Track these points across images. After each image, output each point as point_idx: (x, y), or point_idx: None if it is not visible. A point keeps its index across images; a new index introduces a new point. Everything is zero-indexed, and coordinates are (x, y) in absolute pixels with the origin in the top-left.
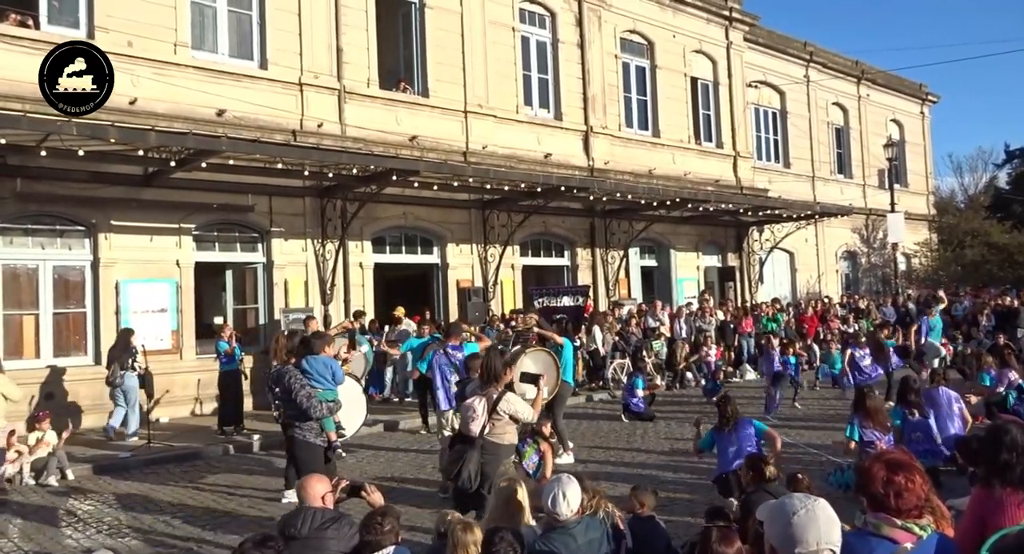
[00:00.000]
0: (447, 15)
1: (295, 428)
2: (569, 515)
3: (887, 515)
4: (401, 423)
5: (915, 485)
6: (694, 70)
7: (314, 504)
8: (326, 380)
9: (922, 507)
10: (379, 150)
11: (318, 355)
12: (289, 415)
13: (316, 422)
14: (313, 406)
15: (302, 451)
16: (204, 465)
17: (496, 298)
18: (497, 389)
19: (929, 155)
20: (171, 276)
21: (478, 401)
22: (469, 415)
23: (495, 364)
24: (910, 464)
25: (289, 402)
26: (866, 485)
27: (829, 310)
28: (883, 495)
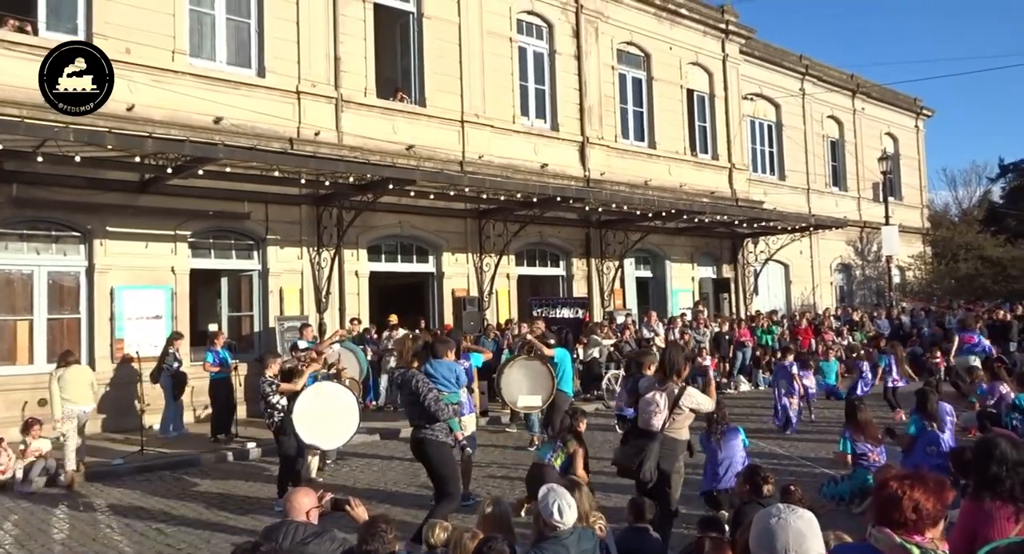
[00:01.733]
0: (445, 25)
1: (425, 430)
2: (567, 526)
3: (890, 530)
4: (399, 432)
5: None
6: (690, 82)
7: (298, 518)
8: (450, 383)
9: (926, 525)
10: (376, 159)
11: (442, 360)
12: (415, 417)
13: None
14: (440, 409)
15: (435, 450)
16: (197, 473)
17: (491, 307)
18: (678, 384)
19: (923, 168)
20: (166, 283)
21: (659, 395)
22: (652, 410)
23: (676, 359)
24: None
25: (415, 405)
26: (877, 498)
27: (823, 322)
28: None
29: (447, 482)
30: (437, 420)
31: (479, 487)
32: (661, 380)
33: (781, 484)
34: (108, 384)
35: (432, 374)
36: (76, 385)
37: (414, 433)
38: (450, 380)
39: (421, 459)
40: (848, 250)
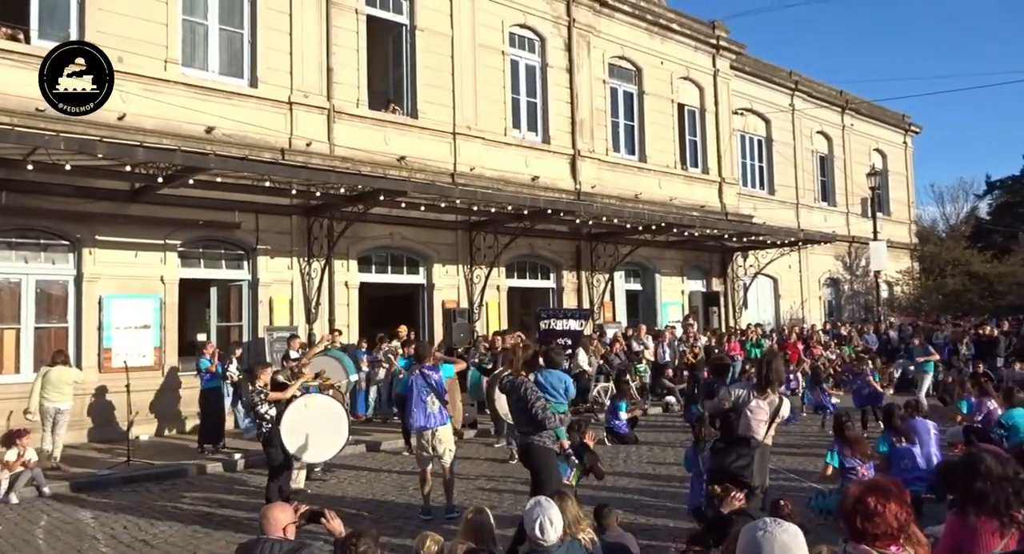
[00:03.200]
0: (438, 38)
1: (533, 436)
2: (550, 542)
3: (866, 547)
4: (383, 444)
5: (887, 511)
6: (681, 96)
7: (274, 534)
8: (559, 394)
9: (896, 535)
10: (367, 170)
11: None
12: (522, 423)
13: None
14: (548, 418)
15: (542, 456)
16: (184, 484)
17: (481, 319)
18: (777, 395)
19: (911, 184)
20: (155, 292)
21: (765, 404)
22: (760, 418)
23: (779, 369)
24: (889, 490)
25: (523, 412)
26: (841, 504)
27: (812, 337)
28: (851, 514)
29: (547, 487)
30: (543, 428)
31: (467, 499)
32: (760, 389)
33: (771, 499)
34: (93, 394)
35: (542, 383)
36: (56, 384)
37: (522, 439)
38: (559, 390)
39: (526, 464)
40: (837, 265)
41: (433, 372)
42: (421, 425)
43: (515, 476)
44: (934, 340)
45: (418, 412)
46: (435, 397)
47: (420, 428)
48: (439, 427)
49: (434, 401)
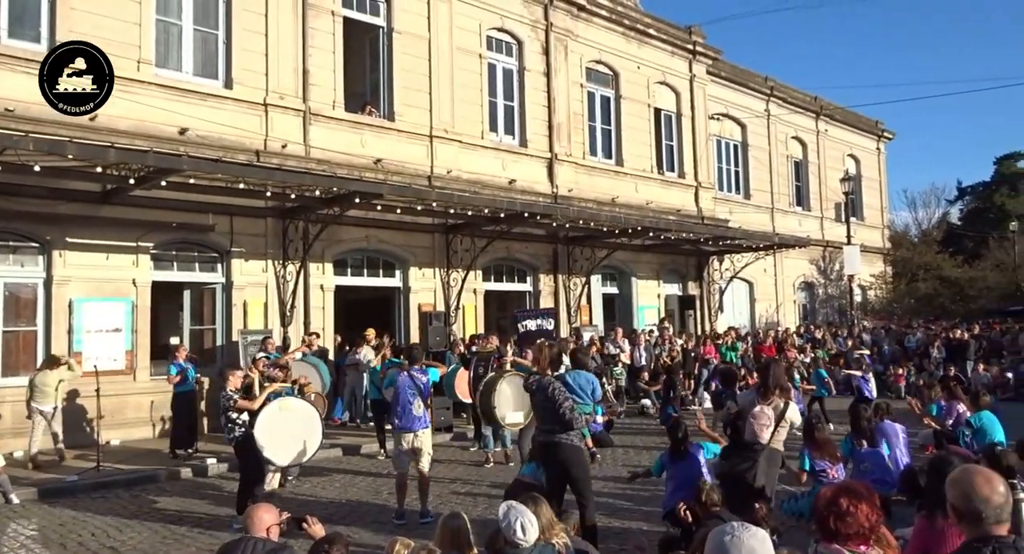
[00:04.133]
0: (415, 40)
1: (559, 434)
2: (529, 543)
3: (837, 547)
4: (358, 448)
5: (859, 512)
6: (658, 101)
7: (258, 534)
8: (586, 395)
9: (867, 536)
10: (343, 172)
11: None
12: (547, 422)
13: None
14: (575, 418)
15: (575, 454)
16: (155, 489)
17: (458, 322)
18: (783, 399)
19: (884, 190)
20: (127, 295)
21: (768, 409)
22: (763, 423)
23: (780, 375)
24: (860, 492)
25: (549, 411)
26: (814, 506)
27: (786, 340)
28: (824, 516)
29: (583, 483)
30: (571, 428)
31: (442, 504)
32: (764, 394)
33: None
34: (64, 399)
35: (569, 384)
36: (40, 387)
37: (545, 438)
38: (586, 391)
39: (552, 462)
40: (811, 269)
41: (422, 375)
42: (406, 427)
43: (490, 480)
44: (906, 343)
45: (404, 414)
46: (421, 400)
47: (404, 430)
48: (422, 430)
49: (420, 404)
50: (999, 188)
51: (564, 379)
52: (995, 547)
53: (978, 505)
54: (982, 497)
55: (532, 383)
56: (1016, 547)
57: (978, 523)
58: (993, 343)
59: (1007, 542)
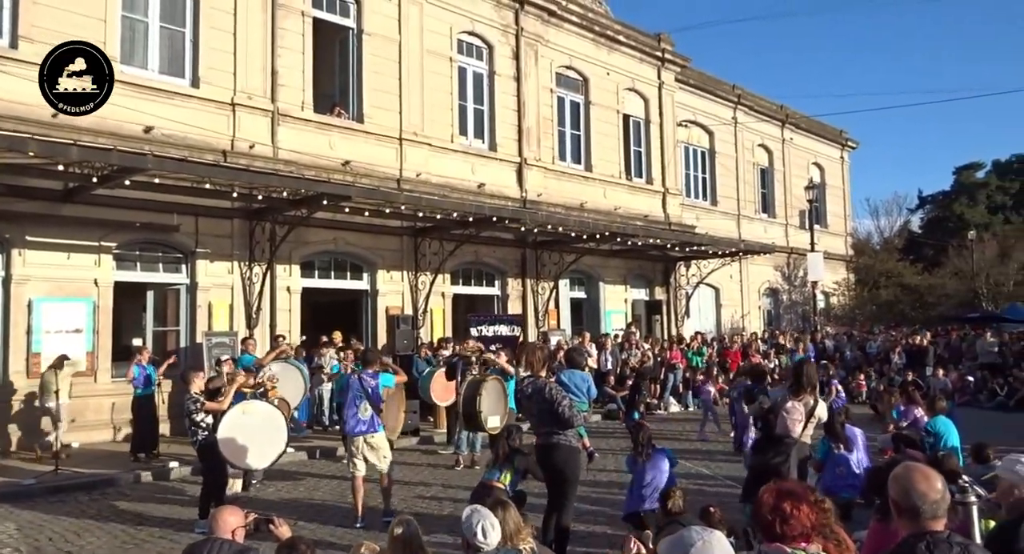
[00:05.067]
0: (385, 42)
1: (557, 435)
2: (491, 546)
3: (779, 545)
4: (332, 451)
5: (801, 513)
6: (627, 107)
7: (224, 536)
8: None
9: (810, 534)
10: (311, 174)
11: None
12: (545, 424)
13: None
14: (574, 415)
15: (570, 454)
16: (115, 493)
17: (426, 326)
18: (814, 396)
19: (848, 198)
20: (88, 295)
21: (799, 405)
22: (795, 418)
23: (812, 374)
24: (799, 493)
25: (548, 412)
26: (756, 512)
27: (751, 345)
28: (770, 521)
29: (571, 485)
30: (570, 426)
31: (407, 507)
32: (796, 392)
33: (702, 505)
34: (23, 400)
35: (565, 383)
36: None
37: (543, 439)
38: (582, 390)
39: (549, 464)
40: (776, 275)
41: (372, 379)
42: (351, 430)
43: (456, 484)
44: (867, 349)
45: (350, 417)
46: (368, 404)
47: (350, 433)
48: (370, 435)
49: (367, 408)
50: (958, 198)
51: (559, 379)
52: (929, 542)
53: (916, 501)
54: (920, 493)
55: (527, 386)
56: (950, 542)
57: (915, 518)
58: (952, 349)
59: (941, 537)
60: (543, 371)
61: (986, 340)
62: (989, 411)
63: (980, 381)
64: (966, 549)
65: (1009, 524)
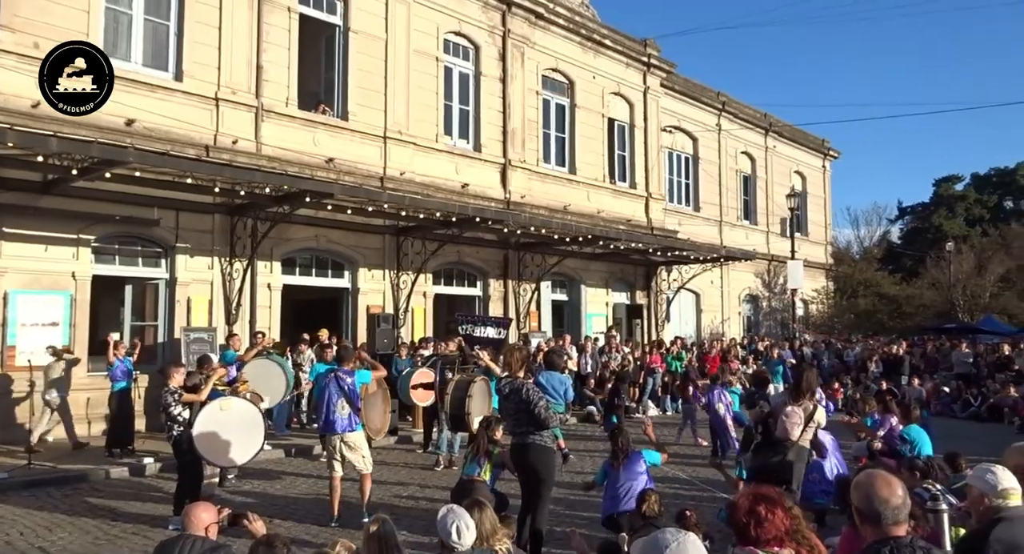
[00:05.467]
0: (371, 41)
1: (533, 436)
2: (465, 547)
3: (752, 548)
4: (308, 449)
5: (775, 517)
6: (612, 111)
7: (197, 533)
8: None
9: (783, 538)
10: (294, 170)
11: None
12: (521, 424)
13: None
14: (550, 417)
15: (545, 454)
16: (88, 488)
17: (407, 325)
18: (812, 402)
19: (829, 207)
20: (66, 288)
21: (799, 410)
22: (795, 421)
23: (812, 380)
24: (774, 498)
25: (525, 413)
26: (732, 515)
27: (730, 351)
28: (745, 524)
29: (546, 485)
30: (545, 427)
31: (383, 506)
32: (795, 396)
33: (678, 508)
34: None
35: (543, 385)
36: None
37: (518, 439)
38: (559, 391)
39: (523, 464)
40: (756, 282)
41: (348, 376)
42: (328, 429)
43: (434, 484)
44: (845, 357)
45: (327, 416)
46: (346, 402)
47: (327, 432)
48: (347, 433)
49: (344, 406)
50: (937, 209)
51: (537, 380)
52: (893, 547)
53: (878, 506)
54: (882, 499)
55: (505, 386)
56: (913, 546)
57: (878, 524)
58: (929, 359)
59: (904, 542)
60: (521, 372)
61: (961, 351)
62: (963, 421)
63: (955, 391)
64: (928, 553)
65: (978, 532)
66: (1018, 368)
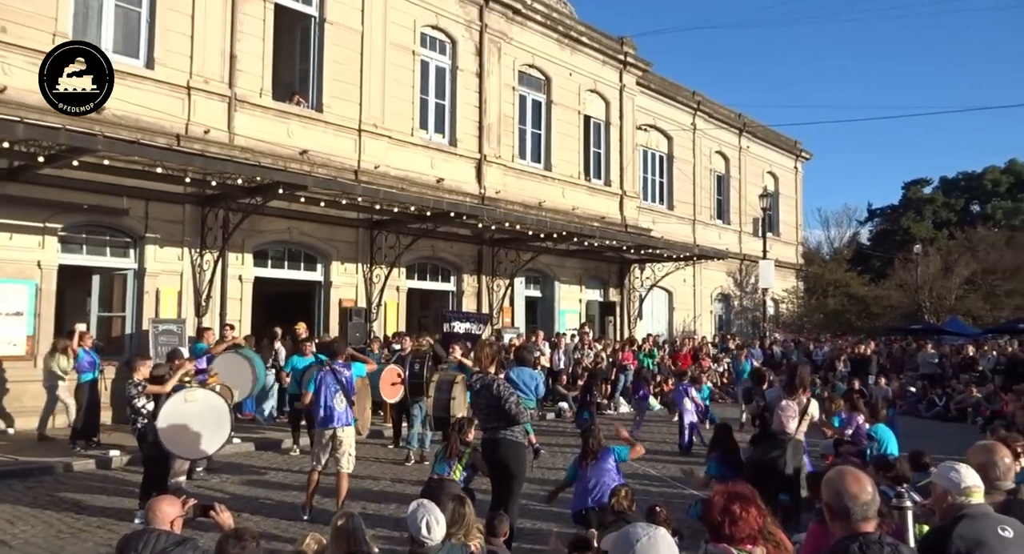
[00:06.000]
0: (347, 32)
1: (504, 431)
2: (435, 541)
3: (725, 546)
4: (278, 443)
5: (749, 515)
6: (588, 109)
7: (161, 527)
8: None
9: (756, 537)
10: (268, 162)
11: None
12: (492, 420)
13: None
14: (520, 412)
15: (515, 450)
16: (52, 481)
17: (379, 319)
18: (806, 396)
19: (800, 207)
20: (31, 278)
21: (794, 404)
22: (789, 415)
23: (805, 376)
24: (748, 496)
25: (494, 408)
26: (706, 513)
27: (702, 349)
28: (719, 523)
29: (518, 480)
30: (516, 423)
31: (355, 501)
32: (789, 391)
33: (648, 505)
34: None
35: (514, 380)
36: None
37: (490, 435)
38: (530, 387)
39: (495, 459)
40: (728, 281)
41: (345, 369)
42: (326, 423)
43: (405, 478)
44: (814, 357)
45: (325, 409)
46: (343, 396)
47: (324, 426)
48: (343, 427)
49: (342, 400)
50: (906, 212)
51: (508, 376)
52: (861, 543)
53: (847, 502)
54: (851, 495)
55: (476, 381)
56: (881, 543)
57: (847, 520)
58: (895, 359)
59: (872, 538)
60: (492, 367)
61: (927, 352)
62: (928, 420)
63: (920, 391)
64: (896, 550)
65: (941, 529)
66: (982, 369)
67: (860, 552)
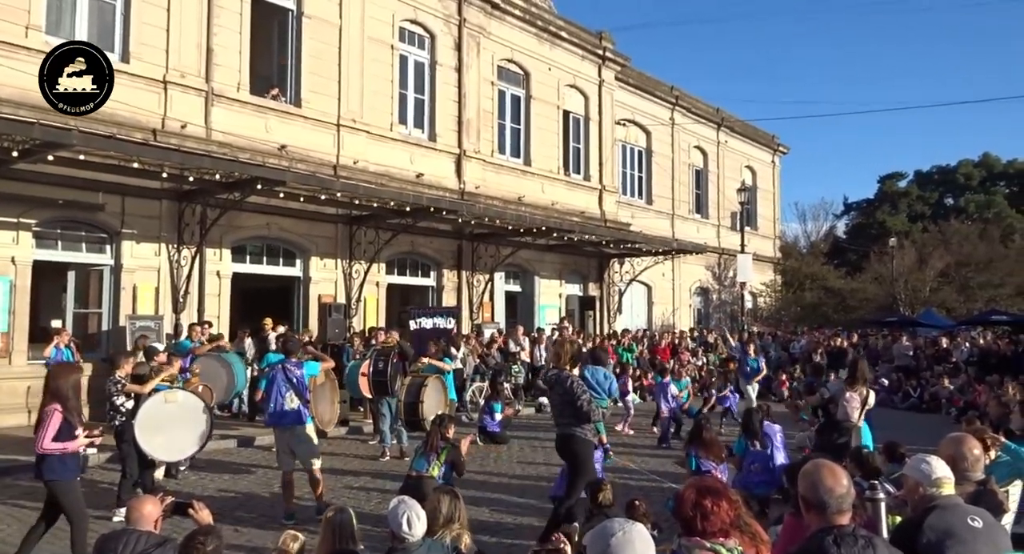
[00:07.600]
0: (325, 26)
1: (575, 428)
2: (416, 538)
3: (698, 539)
4: (257, 440)
5: (721, 509)
6: (567, 103)
7: (141, 527)
8: (603, 391)
9: (728, 530)
10: (246, 157)
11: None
12: (564, 416)
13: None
14: (592, 411)
15: (584, 447)
16: (28, 480)
17: (359, 315)
18: (866, 387)
19: (777, 201)
20: (5, 274)
21: (856, 395)
22: (854, 405)
23: (864, 368)
24: (719, 490)
25: (568, 404)
26: (678, 508)
27: (680, 342)
28: (691, 517)
29: (582, 478)
30: (587, 421)
31: (335, 497)
32: (851, 384)
33: (628, 498)
34: None
35: (588, 379)
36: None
37: (561, 430)
38: (603, 387)
39: (566, 454)
40: (707, 275)
41: (296, 368)
42: (275, 422)
43: (386, 474)
44: (791, 349)
45: (275, 408)
46: (295, 394)
47: (276, 424)
48: (297, 426)
49: (293, 399)
50: (881, 206)
51: (583, 374)
52: (836, 535)
53: (823, 496)
54: (827, 488)
55: (551, 377)
56: (855, 535)
57: (823, 513)
58: (870, 351)
59: (847, 530)
60: (568, 365)
61: (902, 344)
62: (903, 412)
63: (895, 383)
64: (870, 542)
65: (913, 520)
66: (955, 360)
67: (835, 544)
